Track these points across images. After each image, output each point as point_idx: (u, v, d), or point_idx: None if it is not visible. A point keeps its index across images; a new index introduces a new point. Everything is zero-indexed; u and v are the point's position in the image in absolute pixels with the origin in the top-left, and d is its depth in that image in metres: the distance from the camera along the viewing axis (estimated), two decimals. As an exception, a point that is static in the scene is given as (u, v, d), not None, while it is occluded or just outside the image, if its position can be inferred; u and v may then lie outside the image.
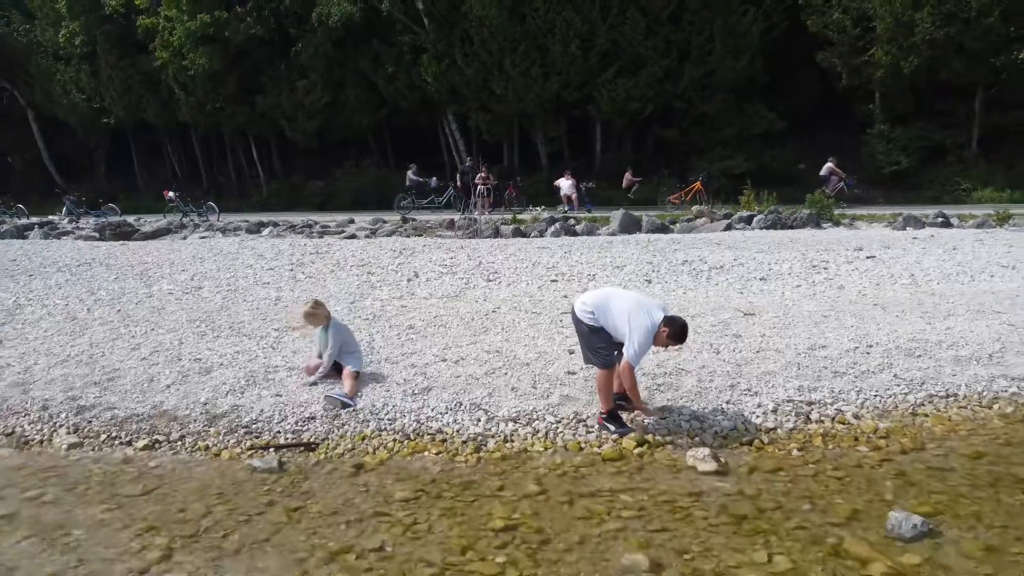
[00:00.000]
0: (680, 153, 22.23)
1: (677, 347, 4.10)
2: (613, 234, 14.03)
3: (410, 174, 19.90)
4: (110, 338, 5.82)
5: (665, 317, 3.78)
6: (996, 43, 18.80)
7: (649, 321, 3.73)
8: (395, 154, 25.84)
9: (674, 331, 3.74)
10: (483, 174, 18.48)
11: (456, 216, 16.91)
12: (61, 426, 4.27)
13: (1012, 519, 3.07)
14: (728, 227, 14.44)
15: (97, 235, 17.48)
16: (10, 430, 4.27)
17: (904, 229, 13.51)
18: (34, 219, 20.06)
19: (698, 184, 17.56)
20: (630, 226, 14.64)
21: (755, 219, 14.54)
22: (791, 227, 14.07)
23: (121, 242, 14.49)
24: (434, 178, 20.07)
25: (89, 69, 24.75)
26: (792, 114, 22.20)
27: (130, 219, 19.33)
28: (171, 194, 19.78)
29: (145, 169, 28.83)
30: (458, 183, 18.93)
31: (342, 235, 15.96)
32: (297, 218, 18.54)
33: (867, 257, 9.68)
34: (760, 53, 21.51)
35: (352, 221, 17.66)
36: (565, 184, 17.76)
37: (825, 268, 8.92)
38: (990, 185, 20.24)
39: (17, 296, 7.35)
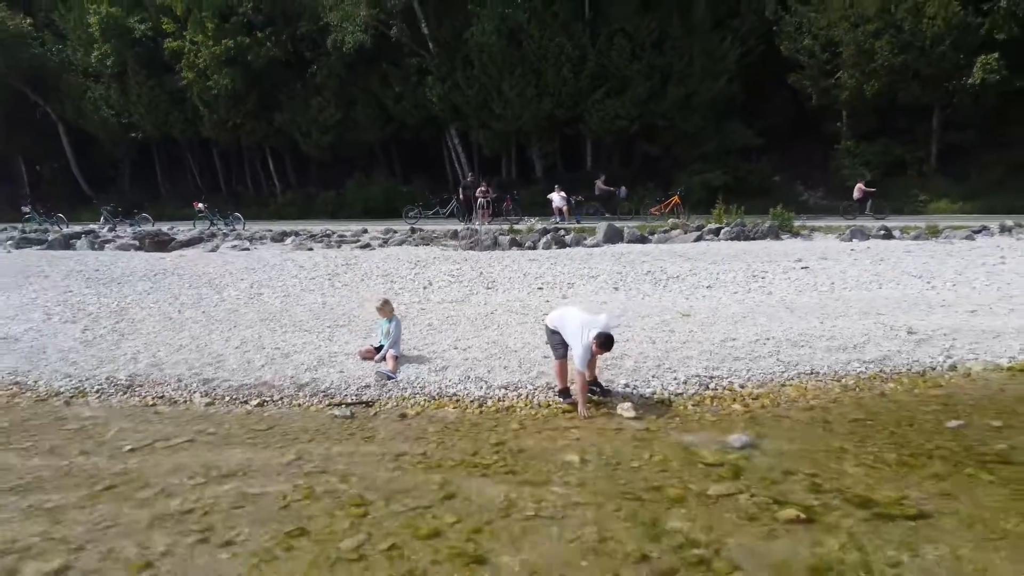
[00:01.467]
0: (664, 167, 24.23)
1: (608, 352, 5.65)
2: (598, 244, 15.94)
3: (599, 183, 21.01)
4: (205, 333, 7.79)
5: (595, 335, 5.40)
6: (948, 70, 20.73)
7: (585, 343, 5.39)
8: (401, 166, 27.87)
9: (600, 343, 5.40)
10: (483, 188, 20.44)
11: (459, 227, 18.85)
12: (195, 392, 6.24)
13: (807, 439, 5.03)
14: (699, 238, 16.36)
15: (136, 243, 19.38)
16: (161, 395, 6.23)
17: (851, 240, 15.48)
18: (76, 227, 22.03)
19: (676, 198, 19.52)
20: (614, 237, 16.55)
21: (722, 231, 16.48)
22: (753, 238, 16.01)
23: (180, 253, 16.34)
24: (623, 187, 21.28)
25: (119, 87, 26.74)
26: (767, 131, 24.17)
27: (163, 228, 21.29)
28: (200, 205, 21.72)
29: (167, 179, 30.83)
30: (460, 196, 20.88)
31: (357, 244, 17.87)
32: (315, 227, 20.45)
33: (802, 268, 11.61)
34: (737, 75, 23.43)
35: (365, 231, 19.54)
36: (556, 198, 19.72)
37: (763, 277, 10.88)
38: (945, 197, 22.26)
39: (119, 300, 9.33)
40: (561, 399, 5.87)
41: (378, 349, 6.69)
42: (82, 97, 27.43)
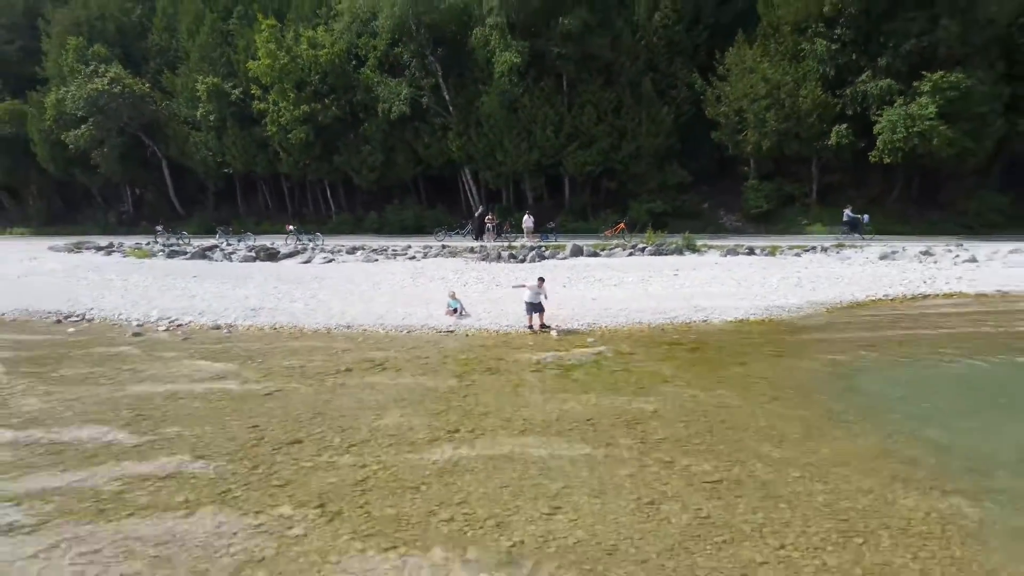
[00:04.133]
0: (621, 198, 33.07)
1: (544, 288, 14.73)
2: (565, 258, 24.72)
3: (847, 212, 27.40)
4: (366, 306, 16.59)
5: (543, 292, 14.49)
6: (817, 134, 29.57)
7: (544, 295, 14.41)
8: (427, 196, 36.71)
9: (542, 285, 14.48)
10: (490, 216, 29.26)
11: (474, 244, 27.63)
12: (378, 328, 15.02)
13: (616, 340, 13.84)
14: (631, 254, 25.18)
15: (253, 255, 28.08)
16: (364, 329, 15.01)
17: (725, 257, 24.23)
18: (203, 242, 30.65)
19: (622, 224, 28.34)
20: (577, 253, 25.33)
21: (646, 249, 25.29)
22: (665, 254, 24.80)
23: (314, 264, 24.94)
24: (866, 215, 27.26)
25: (216, 135, 35.52)
26: (697, 171, 32.99)
27: (265, 242, 29.97)
28: (291, 227, 30.48)
29: (244, 202, 39.62)
30: (474, 222, 29.68)
31: (407, 256, 26.60)
32: (372, 242, 29.19)
33: (674, 274, 20.42)
34: (674, 131, 32.23)
35: (409, 247, 28.26)
36: (527, 222, 28.47)
37: (649, 280, 19.67)
38: (820, 222, 31.09)
39: (311, 291, 18.09)
40: (528, 330, 14.70)
41: (452, 311, 15.52)
42: (185, 141, 36.20)
